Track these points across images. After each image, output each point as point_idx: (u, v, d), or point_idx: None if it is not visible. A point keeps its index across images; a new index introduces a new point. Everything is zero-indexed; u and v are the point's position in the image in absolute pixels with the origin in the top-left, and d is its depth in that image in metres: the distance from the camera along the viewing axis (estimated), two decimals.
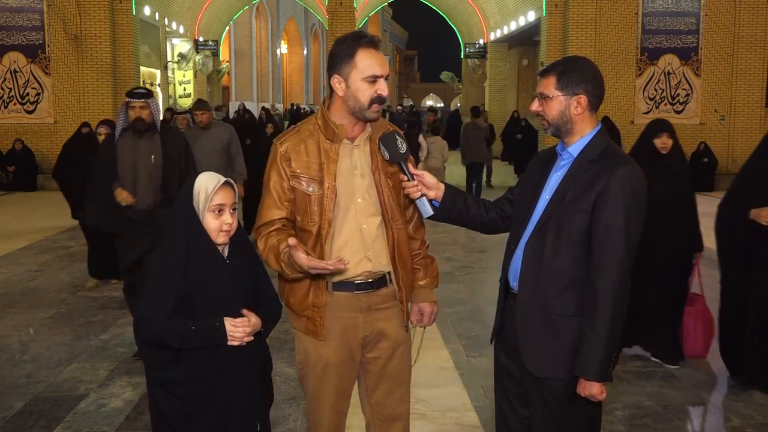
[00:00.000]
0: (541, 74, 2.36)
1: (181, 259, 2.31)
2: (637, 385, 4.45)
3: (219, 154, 7.05)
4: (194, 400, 2.35)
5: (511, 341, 2.43)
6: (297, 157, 2.42)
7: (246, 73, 36.37)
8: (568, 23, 15.81)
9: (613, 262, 2.20)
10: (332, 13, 18.01)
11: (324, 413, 2.53)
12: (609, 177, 2.21)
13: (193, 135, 6.83)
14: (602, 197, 2.20)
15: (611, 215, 2.19)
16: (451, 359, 4.86)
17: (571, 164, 2.32)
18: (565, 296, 2.27)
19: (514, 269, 2.40)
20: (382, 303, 2.50)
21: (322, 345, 2.46)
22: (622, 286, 2.21)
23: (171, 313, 2.29)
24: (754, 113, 16.02)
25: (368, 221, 2.44)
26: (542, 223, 2.30)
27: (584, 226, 2.23)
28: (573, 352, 2.26)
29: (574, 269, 2.26)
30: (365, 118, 2.40)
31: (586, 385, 2.25)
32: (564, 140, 2.37)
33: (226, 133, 7.29)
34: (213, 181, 2.34)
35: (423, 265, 2.65)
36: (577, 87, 2.30)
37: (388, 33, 60.59)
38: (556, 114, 2.31)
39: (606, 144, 2.33)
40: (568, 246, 2.25)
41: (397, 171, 2.47)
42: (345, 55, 2.37)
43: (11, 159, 14.85)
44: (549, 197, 2.32)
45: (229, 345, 2.32)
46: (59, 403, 4.15)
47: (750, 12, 15.73)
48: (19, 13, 15.34)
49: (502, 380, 2.53)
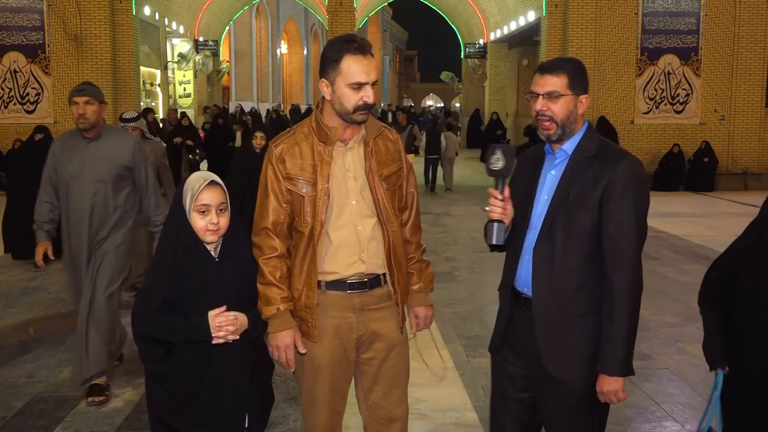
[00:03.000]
0: (546, 72, 2.28)
1: (171, 257, 2.35)
2: (637, 385, 4.45)
3: (106, 185, 4.06)
4: (181, 395, 2.39)
5: (522, 347, 2.38)
6: (291, 159, 2.43)
7: (246, 73, 36.37)
8: (568, 23, 15.80)
9: (628, 256, 2.20)
10: (332, 13, 18.00)
11: (319, 413, 2.54)
12: (613, 171, 2.20)
13: (68, 147, 4.13)
14: (609, 192, 2.20)
15: (622, 210, 2.19)
16: (451, 359, 4.86)
17: (568, 162, 2.30)
18: (581, 296, 2.26)
19: (524, 275, 2.35)
20: (376, 304, 2.50)
21: (315, 345, 2.47)
22: (637, 278, 2.22)
23: (161, 308, 2.33)
24: (754, 113, 16.01)
25: (363, 223, 2.44)
26: (548, 225, 2.27)
27: (593, 222, 2.22)
28: (594, 350, 2.25)
29: (588, 267, 2.25)
30: (352, 121, 2.42)
31: (610, 381, 2.23)
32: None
33: (124, 148, 4.15)
34: (199, 180, 2.38)
35: (417, 270, 2.64)
36: (582, 87, 2.30)
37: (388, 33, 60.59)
38: (565, 113, 2.27)
39: (599, 139, 2.33)
40: (578, 245, 2.24)
41: (391, 174, 2.49)
42: (332, 60, 2.37)
43: (11, 159, 14.84)
44: (549, 197, 2.30)
45: (215, 342, 2.35)
46: (59, 403, 4.15)
47: (750, 12, 15.72)
48: (19, 13, 15.34)
49: (503, 386, 2.48)
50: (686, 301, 6.46)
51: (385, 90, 57.93)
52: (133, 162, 4.18)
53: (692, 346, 5.23)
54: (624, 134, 15.78)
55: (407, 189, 2.61)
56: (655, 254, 8.55)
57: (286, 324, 2.41)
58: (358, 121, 2.42)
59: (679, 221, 11.00)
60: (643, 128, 16.00)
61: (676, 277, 7.46)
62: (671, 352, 5.10)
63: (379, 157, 2.49)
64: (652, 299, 6.54)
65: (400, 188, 2.56)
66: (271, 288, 2.41)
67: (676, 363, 4.88)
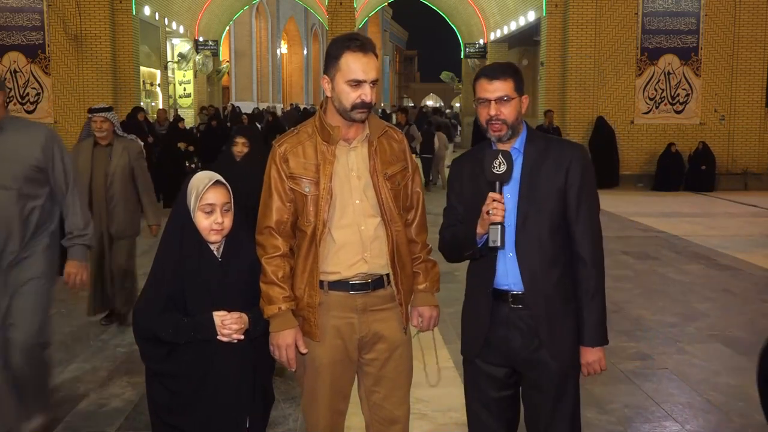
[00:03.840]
0: (494, 79, 2.36)
1: (175, 256, 2.35)
2: (637, 385, 4.45)
3: (9, 193, 3.27)
4: (182, 395, 2.39)
5: (506, 345, 2.42)
6: (294, 158, 2.44)
7: (246, 73, 36.39)
8: (568, 23, 15.80)
9: (594, 232, 2.40)
10: (332, 13, 18.00)
11: (320, 413, 2.54)
12: (570, 160, 2.38)
13: None
14: (571, 179, 2.37)
15: (584, 192, 2.38)
16: (451, 359, 4.86)
17: (524, 158, 2.41)
18: (565, 279, 2.39)
19: (509, 272, 2.39)
20: (379, 304, 2.49)
21: (317, 345, 2.47)
22: (602, 251, 2.42)
23: (164, 307, 2.33)
24: (754, 113, 16.01)
25: (366, 222, 2.44)
26: (523, 220, 2.36)
27: (561, 208, 2.38)
28: (577, 329, 2.39)
29: (564, 251, 2.38)
30: (351, 119, 2.42)
31: (594, 352, 2.39)
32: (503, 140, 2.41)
33: (32, 143, 3.35)
34: (204, 180, 2.38)
35: (423, 269, 2.64)
36: (522, 89, 2.43)
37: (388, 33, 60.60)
38: (515, 115, 2.39)
39: (542, 134, 2.53)
40: (552, 231, 2.37)
41: (395, 173, 2.49)
42: (332, 57, 2.39)
43: None
44: (514, 194, 2.38)
45: (219, 340, 2.35)
46: (59, 403, 4.15)
47: (750, 12, 15.72)
48: (19, 13, 15.33)
49: (482, 390, 2.51)
50: (686, 301, 6.47)
51: (385, 90, 57.95)
52: (45, 159, 3.32)
53: (692, 346, 5.24)
54: (624, 134, 15.79)
55: (413, 189, 2.60)
56: (655, 254, 8.55)
57: (288, 323, 2.41)
58: (357, 120, 2.42)
59: (679, 221, 11.00)
60: (643, 128, 16.00)
61: (676, 277, 7.46)
62: (671, 352, 5.10)
63: (384, 156, 2.49)
64: (652, 299, 6.54)
65: (405, 188, 2.56)
66: (273, 287, 2.41)
67: (676, 363, 4.88)
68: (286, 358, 2.43)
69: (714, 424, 4.00)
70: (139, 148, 5.64)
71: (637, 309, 6.19)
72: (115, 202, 5.38)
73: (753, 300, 6.61)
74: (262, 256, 2.45)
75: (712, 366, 4.78)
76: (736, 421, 3.98)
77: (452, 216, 2.55)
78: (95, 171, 5.34)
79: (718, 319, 5.94)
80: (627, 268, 7.70)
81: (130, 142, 5.58)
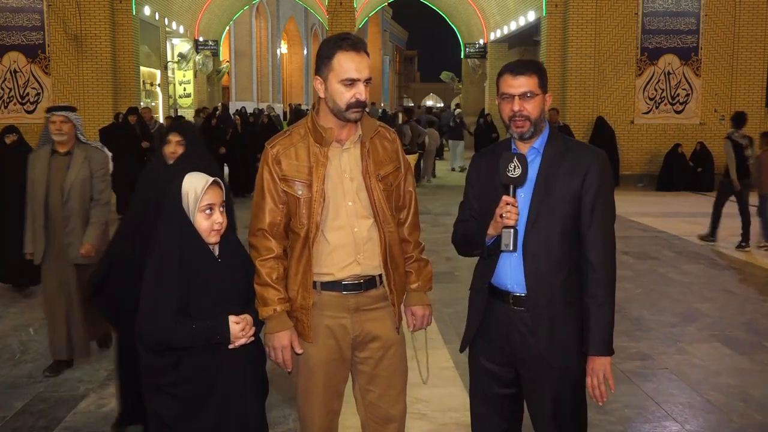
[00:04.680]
0: (519, 74, 2.33)
1: (176, 262, 2.32)
2: (637, 385, 4.45)
3: None
4: (193, 400, 2.36)
5: (505, 343, 2.42)
6: (287, 160, 2.43)
7: (246, 73, 36.38)
8: (568, 23, 15.80)
9: (607, 238, 2.34)
10: (332, 13, 18.00)
11: (314, 412, 2.54)
12: (589, 164, 2.33)
13: None
14: (588, 184, 2.32)
15: (600, 198, 2.33)
16: (450, 359, 4.86)
17: (543, 159, 2.38)
18: (569, 283, 2.35)
19: (511, 271, 2.39)
20: (372, 304, 2.50)
21: (309, 345, 2.47)
22: (614, 260, 2.37)
23: (176, 314, 2.29)
24: (754, 113, 15.98)
25: (359, 223, 2.44)
26: (534, 220, 2.33)
27: (574, 212, 2.33)
28: (581, 333, 2.34)
29: (572, 255, 2.35)
30: (346, 119, 2.41)
31: (601, 360, 2.33)
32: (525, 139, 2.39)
33: None
34: (201, 181, 2.36)
35: (415, 269, 2.64)
36: (546, 86, 2.40)
37: (388, 33, 60.58)
38: (538, 112, 2.36)
39: (564, 136, 2.46)
40: (563, 234, 2.33)
41: (387, 174, 2.49)
42: (325, 57, 2.38)
43: None
44: (528, 194, 2.35)
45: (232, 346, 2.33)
46: (59, 403, 4.15)
47: (750, 12, 15.72)
48: (19, 13, 15.34)
49: (484, 385, 2.51)
50: (686, 301, 6.47)
51: (385, 90, 57.93)
52: None
53: (692, 346, 5.24)
54: (624, 134, 15.79)
55: (405, 188, 2.60)
56: (655, 254, 8.55)
57: (283, 325, 2.42)
58: (352, 119, 2.41)
59: (679, 221, 11.01)
60: (643, 128, 16.00)
61: (676, 277, 7.46)
62: (671, 352, 5.10)
63: (376, 157, 2.49)
64: (652, 299, 6.54)
65: (398, 188, 2.56)
66: (268, 289, 2.41)
67: (676, 363, 4.88)
68: (282, 359, 2.44)
69: (714, 424, 4.00)
70: (103, 157, 4.64)
71: (637, 309, 6.19)
72: (72, 224, 4.49)
73: (753, 300, 6.61)
74: (256, 258, 2.44)
75: (712, 366, 4.78)
76: (736, 421, 3.98)
77: (467, 211, 2.55)
78: (51, 184, 4.47)
79: (718, 319, 5.94)
80: (627, 268, 7.70)
81: (94, 150, 4.63)
